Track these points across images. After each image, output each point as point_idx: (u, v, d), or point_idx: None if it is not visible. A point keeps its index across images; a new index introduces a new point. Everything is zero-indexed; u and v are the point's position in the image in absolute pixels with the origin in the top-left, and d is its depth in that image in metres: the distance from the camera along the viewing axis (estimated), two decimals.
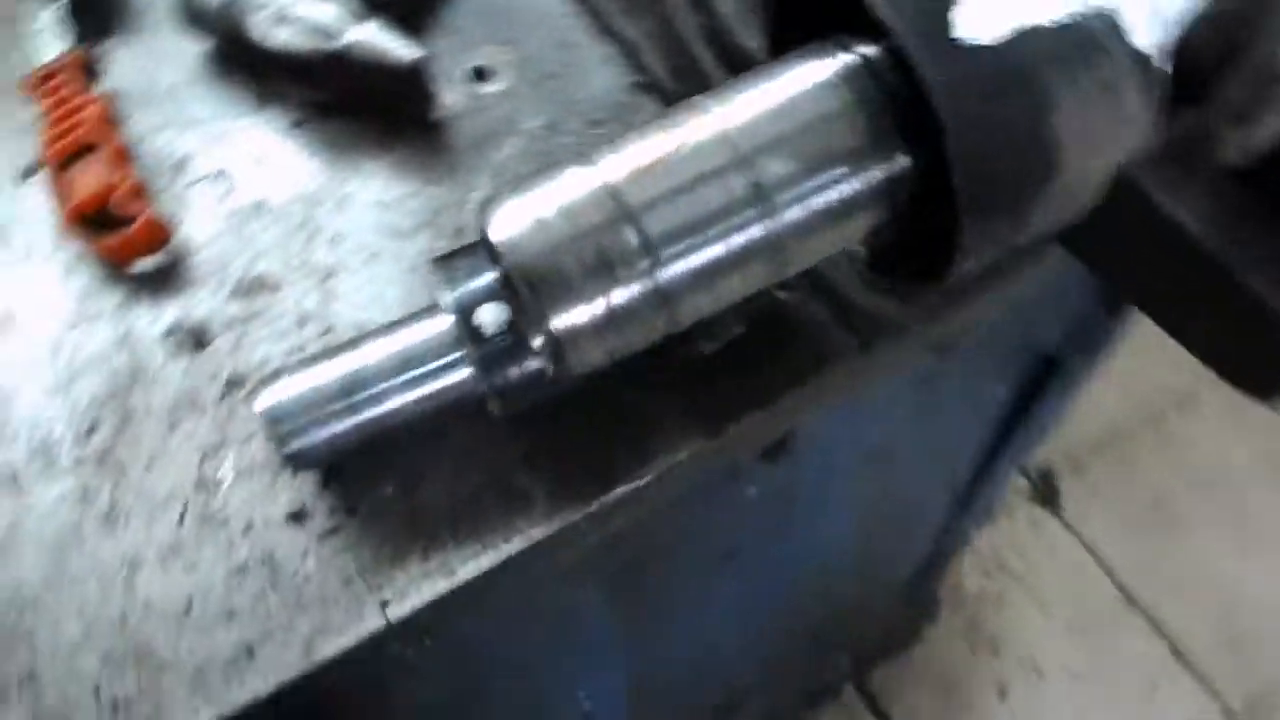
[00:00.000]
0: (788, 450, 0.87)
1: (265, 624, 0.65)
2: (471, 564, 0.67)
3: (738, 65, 0.72)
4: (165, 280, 0.76)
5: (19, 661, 0.64)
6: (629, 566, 0.93)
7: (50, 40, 0.83)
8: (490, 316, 0.57)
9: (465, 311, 0.57)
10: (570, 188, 0.46)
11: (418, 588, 0.66)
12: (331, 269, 0.76)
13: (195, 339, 0.73)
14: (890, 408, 1.01)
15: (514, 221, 0.46)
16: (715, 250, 0.44)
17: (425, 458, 0.69)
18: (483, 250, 0.56)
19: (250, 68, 0.83)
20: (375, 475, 0.68)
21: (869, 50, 0.47)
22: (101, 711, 0.63)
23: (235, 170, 0.80)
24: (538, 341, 0.52)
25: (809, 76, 0.46)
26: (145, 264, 0.76)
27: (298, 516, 0.67)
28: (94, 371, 0.72)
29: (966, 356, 0.99)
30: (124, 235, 0.73)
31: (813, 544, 1.19)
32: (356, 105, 0.81)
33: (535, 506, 0.68)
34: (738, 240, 0.44)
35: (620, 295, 0.45)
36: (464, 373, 0.60)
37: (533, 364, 0.58)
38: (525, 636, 0.94)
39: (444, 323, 0.60)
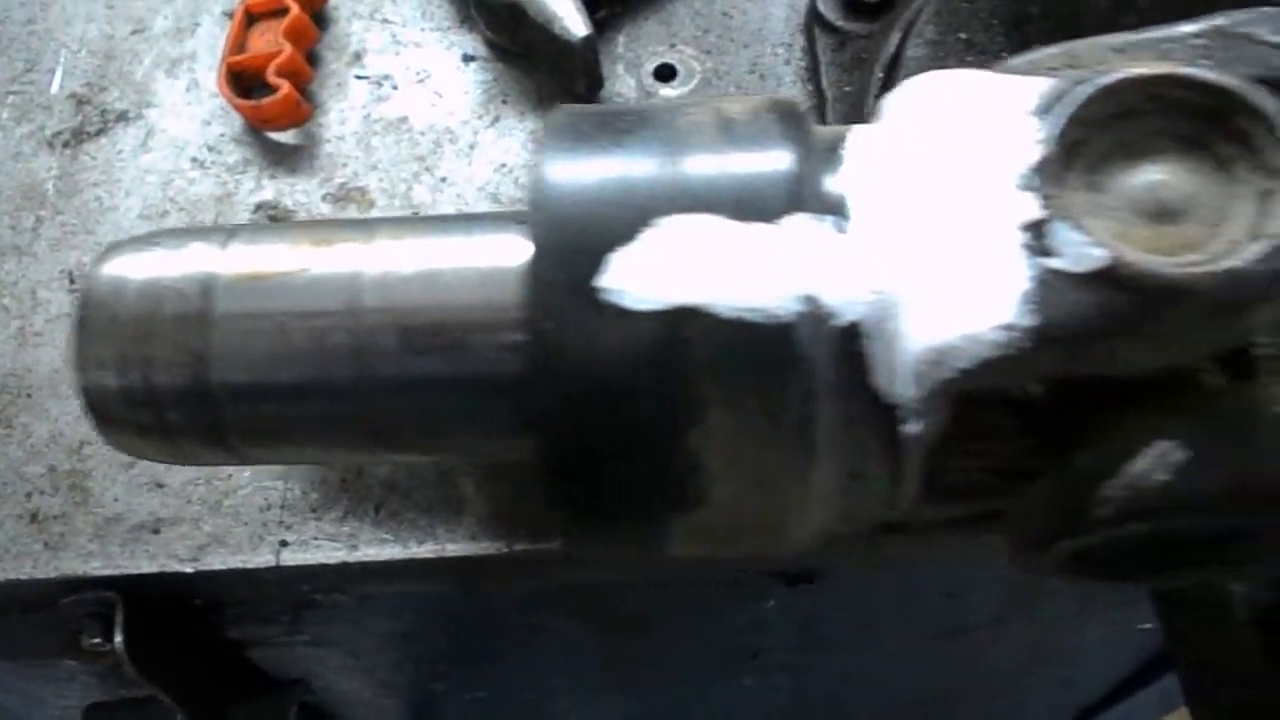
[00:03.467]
0: (810, 581, 0.77)
1: (181, 509, 0.66)
2: (375, 549, 0.64)
3: None
4: (284, 158, 0.77)
5: None
6: (621, 621, 0.87)
7: None
8: None
9: None
10: (176, 262, 0.38)
11: (319, 546, 0.64)
12: (420, 207, 0.74)
13: (275, 222, 0.74)
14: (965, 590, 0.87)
15: (115, 269, 0.39)
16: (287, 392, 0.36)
17: None
18: None
19: None
20: None
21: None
22: (22, 517, 0.66)
23: (399, 79, 0.80)
24: None
25: (477, 254, 0.36)
26: (279, 136, 0.78)
27: None
28: (185, 214, 0.75)
29: None
30: (260, 103, 0.75)
31: (863, 677, 1.08)
32: (532, 61, 0.78)
33: (463, 524, 0.64)
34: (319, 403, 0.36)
35: (168, 400, 0.37)
36: None
37: None
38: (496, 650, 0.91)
39: None
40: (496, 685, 1.02)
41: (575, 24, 0.73)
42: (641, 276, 0.30)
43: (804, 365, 0.30)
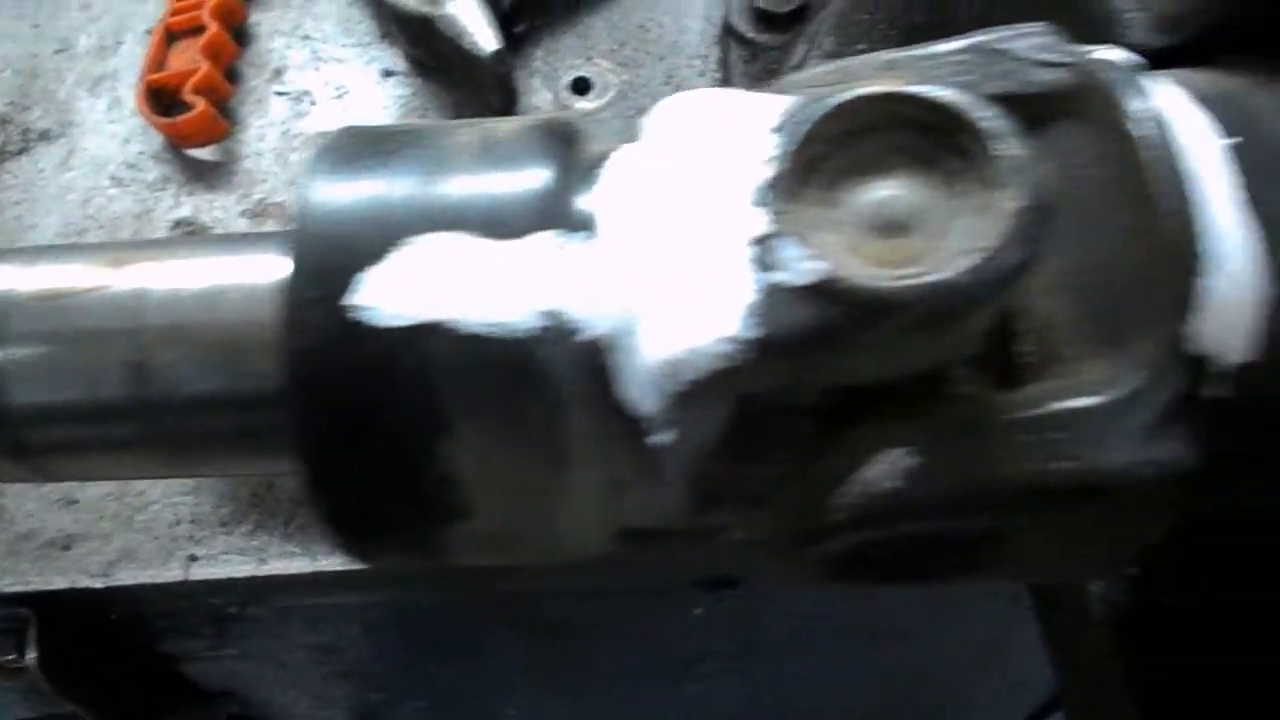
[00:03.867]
0: (732, 587, 0.78)
1: (92, 526, 0.67)
2: (283, 562, 0.65)
3: None
4: (203, 174, 0.77)
5: None
6: (550, 629, 0.88)
7: None
8: None
9: None
10: None
11: (228, 560, 0.65)
12: None
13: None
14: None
15: None
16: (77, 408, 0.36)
17: None
18: None
19: (379, 5, 0.82)
20: None
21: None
22: None
23: (318, 95, 0.80)
24: None
25: (251, 272, 0.36)
26: (198, 152, 0.78)
27: None
28: (104, 232, 0.76)
29: None
30: (177, 120, 0.75)
31: (809, 682, 1.08)
32: (449, 75, 0.79)
33: None
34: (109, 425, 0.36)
35: None
36: None
37: None
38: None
39: None
40: (438, 694, 1.03)
41: (485, 39, 0.73)
42: (389, 294, 0.31)
43: (547, 378, 0.31)
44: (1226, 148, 0.31)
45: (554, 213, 0.32)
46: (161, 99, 0.78)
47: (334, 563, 0.64)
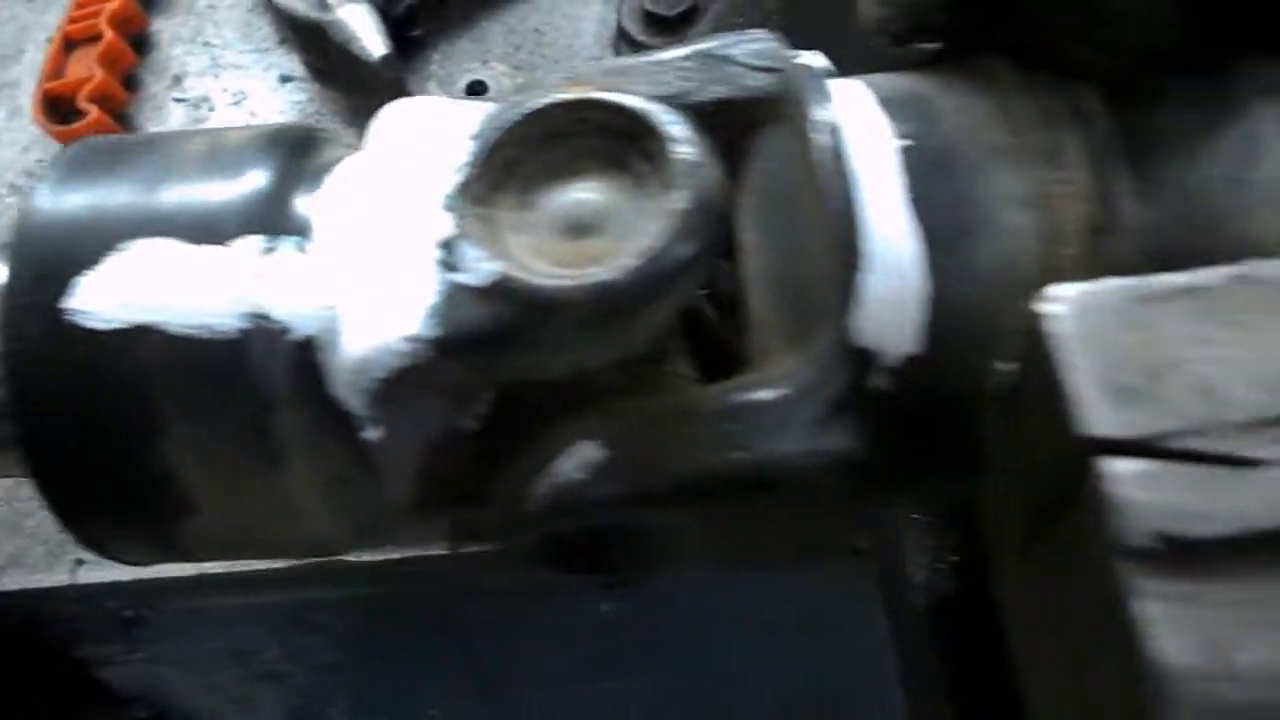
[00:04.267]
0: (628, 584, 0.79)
1: None
2: (171, 566, 0.65)
3: None
4: None
5: None
6: (464, 628, 0.89)
7: None
8: None
9: None
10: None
11: (113, 565, 0.65)
12: None
13: None
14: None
15: None
16: None
17: None
18: None
19: (275, 10, 0.83)
20: None
21: None
22: None
23: (216, 100, 0.81)
24: None
25: None
26: None
27: None
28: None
29: None
30: (72, 128, 0.76)
31: (737, 680, 1.09)
32: (344, 80, 0.79)
33: None
34: None
35: None
36: None
37: None
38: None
39: None
40: (363, 696, 1.03)
41: (374, 44, 0.74)
42: (103, 298, 0.32)
43: (254, 377, 0.32)
44: (898, 149, 0.32)
45: (265, 217, 0.33)
46: (58, 107, 0.78)
47: (219, 565, 0.65)
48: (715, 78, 0.33)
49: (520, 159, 0.30)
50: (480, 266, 0.28)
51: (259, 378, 0.32)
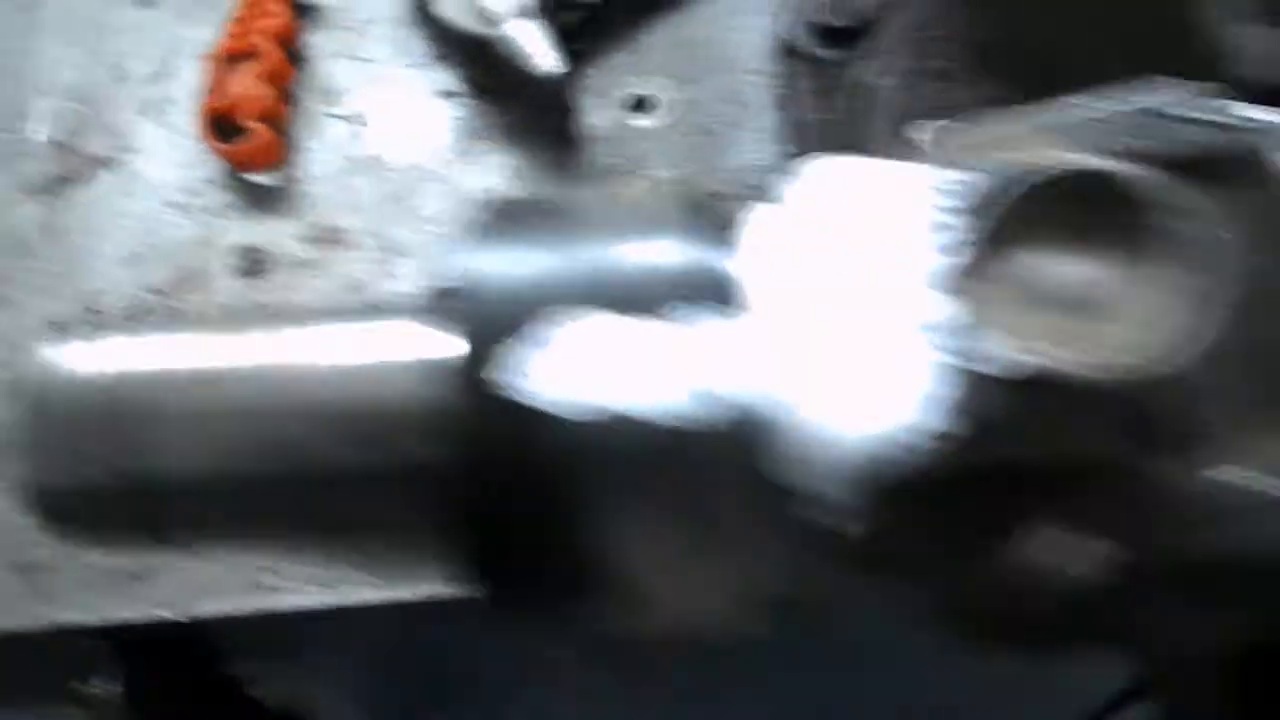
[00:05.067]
0: None
1: (167, 558, 0.67)
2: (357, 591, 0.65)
3: None
4: (263, 200, 0.78)
5: None
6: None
7: None
8: None
9: None
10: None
11: (307, 592, 0.65)
12: (404, 248, 0.75)
13: (255, 265, 0.75)
14: None
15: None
16: None
17: None
18: None
19: (434, 25, 0.82)
20: None
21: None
22: (12, 568, 0.67)
23: (373, 117, 0.80)
24: None
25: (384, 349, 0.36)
26: (258, 178, 0.78)
27: None
28: (163, 260, 0.76)
29: None
30: (238, 146, 0.76)
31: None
32: (509, 96, 0.78)
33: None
34: None
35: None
36: None
37: None
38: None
39: None
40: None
41: (546, 60, 0.73)
42: (550, 377, 0.31)
43: (701, 458, 0.31)
44: None
45: (693, 284, 0.32)
46: (221, 124, 0.78)
47: (404, 593, 0.64)
48: (1166, 135, 0.31)
49: (1013, 233, 0.28)
50: (1005, 355, 0.27)
51: (703, 458, 0.31)
